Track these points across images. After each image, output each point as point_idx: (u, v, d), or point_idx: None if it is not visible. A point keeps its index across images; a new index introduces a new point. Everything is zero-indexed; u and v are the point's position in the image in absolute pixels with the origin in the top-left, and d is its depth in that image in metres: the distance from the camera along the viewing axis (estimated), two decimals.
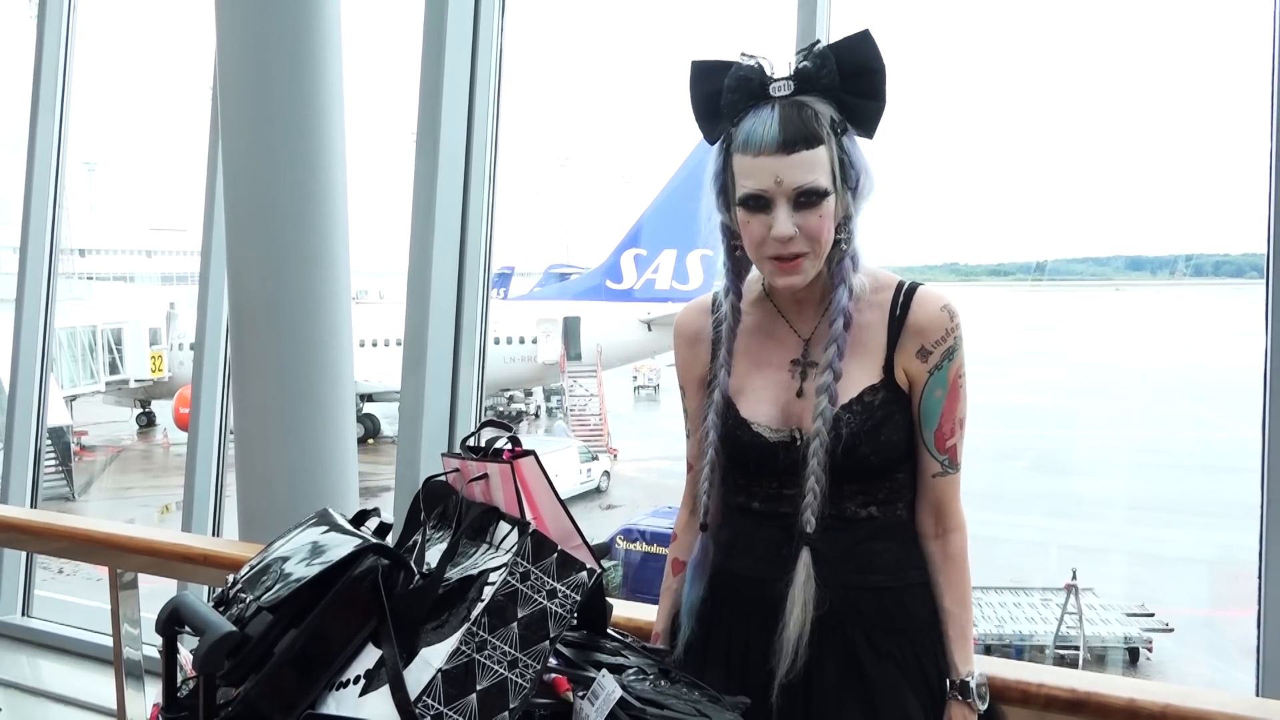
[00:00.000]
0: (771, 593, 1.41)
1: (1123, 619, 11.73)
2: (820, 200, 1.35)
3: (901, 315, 1.43)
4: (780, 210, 1.35)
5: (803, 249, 1.37)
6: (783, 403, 1.46)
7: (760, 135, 1.35)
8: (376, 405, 20.00)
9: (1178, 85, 50.59)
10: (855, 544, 1.43)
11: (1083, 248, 37.92)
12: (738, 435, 1.47)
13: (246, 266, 2.90)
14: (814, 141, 1.35)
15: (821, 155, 1.35)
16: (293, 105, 2.79)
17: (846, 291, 1.41)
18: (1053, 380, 22.03)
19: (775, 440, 1.45)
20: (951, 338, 1.42)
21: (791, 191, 1.35)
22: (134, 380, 21.98)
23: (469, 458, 1.32)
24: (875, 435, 1.41)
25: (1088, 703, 1.50)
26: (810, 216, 1.35)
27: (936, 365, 1.42)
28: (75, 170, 4.96)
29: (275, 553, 1.26)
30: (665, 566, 1.64)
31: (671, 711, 1.20)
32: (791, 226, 1.35)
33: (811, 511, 1.39)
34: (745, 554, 1.49)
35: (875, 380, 1.43)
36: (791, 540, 1.41)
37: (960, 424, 1.46)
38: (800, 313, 1.49)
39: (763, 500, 1.48)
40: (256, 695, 1.11)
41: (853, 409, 1.41)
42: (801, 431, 1.43)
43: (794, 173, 1.34)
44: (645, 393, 25.86)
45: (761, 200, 1.36)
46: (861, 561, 1.42)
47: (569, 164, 41.71)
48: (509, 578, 1.16)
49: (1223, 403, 19.80)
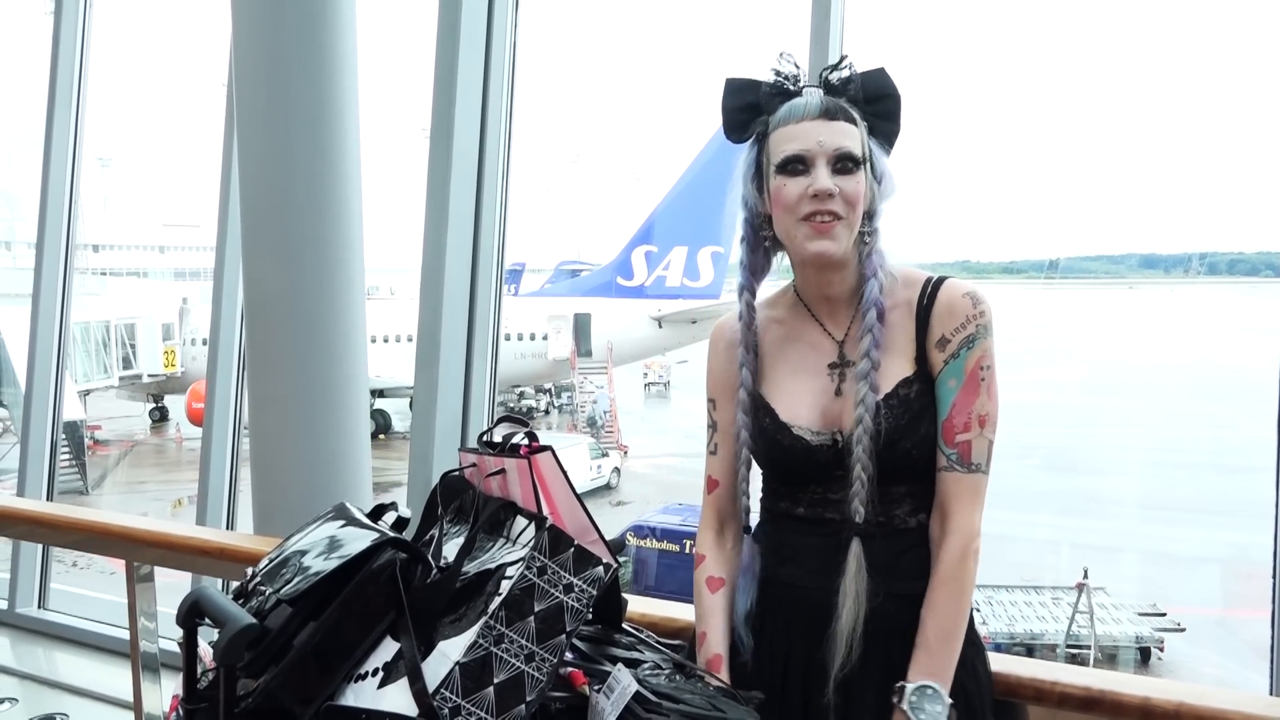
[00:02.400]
0: (818, 600, 1.40)
1: (1134, 618, 11.68)
2: (857, 168, 1.40)
3: (928, 305, 1.44)
4: (820, 169, 1.40)
5: (840, 210, 1.39)
6: (822, 405, 1.46)
7: (803, 106, 1.43)
8: (387, 401, 20.05)
9: (1193, 82, 50.22)
10: (903, 551, 1.42)
11: (1096, 245, 37.73)
12: (778, 440, 1.46)
13: (262, 262, 2.91)
14: (850, 119, 1.42)
15: (857, 132, 1.42)
16: (308, 102, 2.80)
17: (877, 285, 1.43)
18: (1065, 378, 21.95)
19: (817, 443, 1.44)
20: (973, 325, 1.41)
21: (832, 152, 1.40)
22: (147, 375, 22.09)
23: (486, 453, 1.32)
24: (915, 428, 1.41)
25: (1102, 701, 1.49)
26: (849, 181, 1.40)
27: (953, 354, 1.41)
28: (89, 165, 5.02)
29: (293, 546, 1.27)
30: (698, 588, 1.55)
31: (687, 706, 1.21)
32: (832, 183, 1.39)
33: (860, 501, 1.38)
34: (790, 562, 1.47)
35: (908, 373, 1.43)
36: (838, 548, 1.40)
37: (979, 420, 1.41)
38: (832, 313, 1.50)
39: (808, 505, 1.47)
40: (276, 687, 1.12)
41: (890, 403, 1.40)
42: (843, 433, 1.42)
43: (835, 136, 1.40)
44: (656, 389, 25.86)
45: (802, 161, 1.40)
46: (909, 570, 1.41)
47: (580, 160, 41.65)
48: (526, 572, 1.17)
49: (1236, 401, 19.68)
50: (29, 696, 3.62)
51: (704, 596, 1.54)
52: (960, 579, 1.38)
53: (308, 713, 1.13)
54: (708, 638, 1.50)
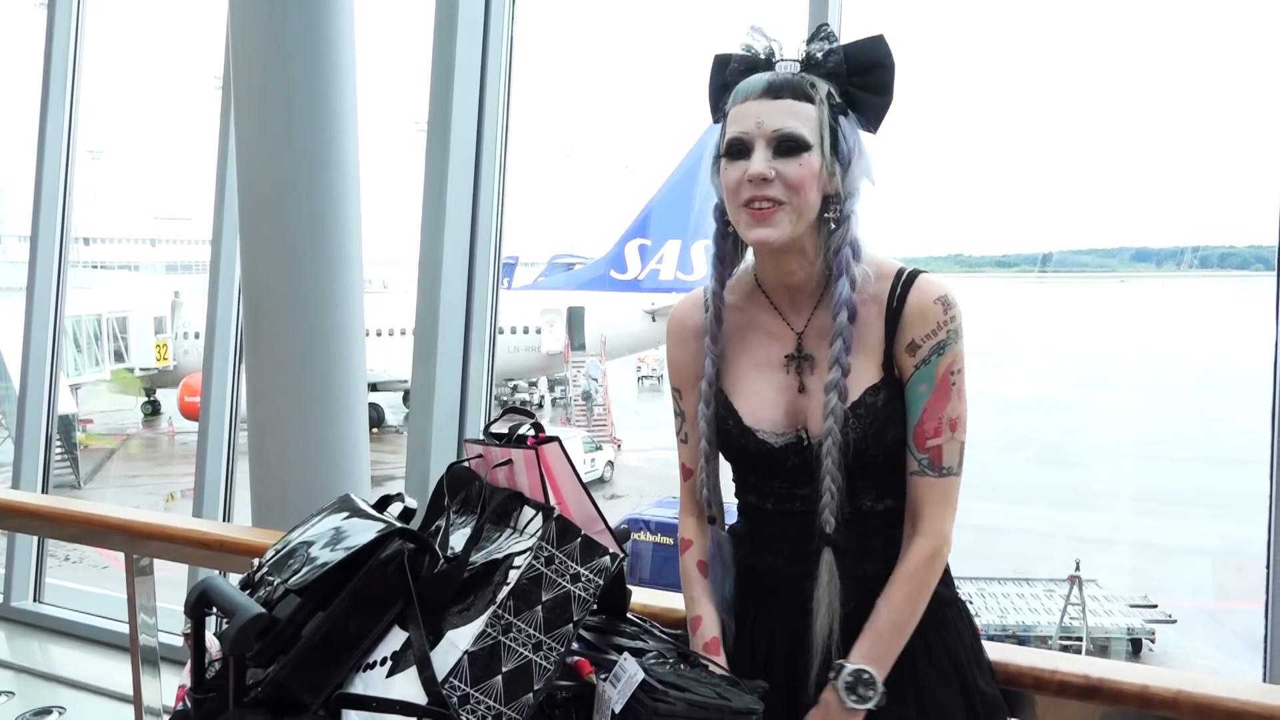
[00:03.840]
0: (795, 588, 1.40)
1: (1126, 610, 11.75)
2: (801, 151, 1.32)
3: (898, 307, 1.37)
4: (758, 152, 1.32)
5: (779, 196, 1.32)
6: (785, 403, 1.41)
7: (748, 86, 1.36)
8: (380, 395, 20.02)
9: (1185, 76, 50.33)
10: (871, 533, 1.41)
11: (1088, 239, 37.86)
12: (743, 444, 1.43)
13: (260, 254, 2.91)
14: (801, 96, 1.34)
15: (809, 110, 1.33)
16: (306, 94, 2.80)
17: (848, 283, 1.34)
18: (1057, 372, 22.01)
19: (781, 445, 1.40)
20: (944, 331, 1.36)
21: (771, 134, 1.32)
22: (139, 368, 22.03)
23: (493, 443, 1.33)
24: (882, 437, 1.37)
25: (1100, 689, 1.50)
26: (790, 164, 1.32)
27: (924, 360, 1.36)
28: (80, 158, 4.98)
29: (299, 537, 1.28)
30: (687, 573, 1.54)
31: (692, 694, 1.22)
32: (768, 167, 1.32)
33: (830, 512, 1.35)
34: (764, 550, 1.47)
35: (875, 379, 1.38)
36: (810, 537, 1.39)
37: (949, 424, 1.37)
38: (793, 303, 1.44)
39: (775, 501, 1.45)
40: (285, 676, 1.13)
41: (857, 412, 1.36)
42: (808, 431, 1.39)
43: (775, 116, 1.33)
44: (649, 383, 25.88)
45: (742, 145, 1.34)
46: (878, 550, 1.41)
47: (573, 154, 41.66)
48: (534, 562, 1.18)
49: (1227, 395, 19.78)
50: (25, 690, 3.62)
51: (694, 581, 1.52)
52: (922, 580, 1.38)
53: (316, 701, 1.14)
54: (702, 621, 1.49)
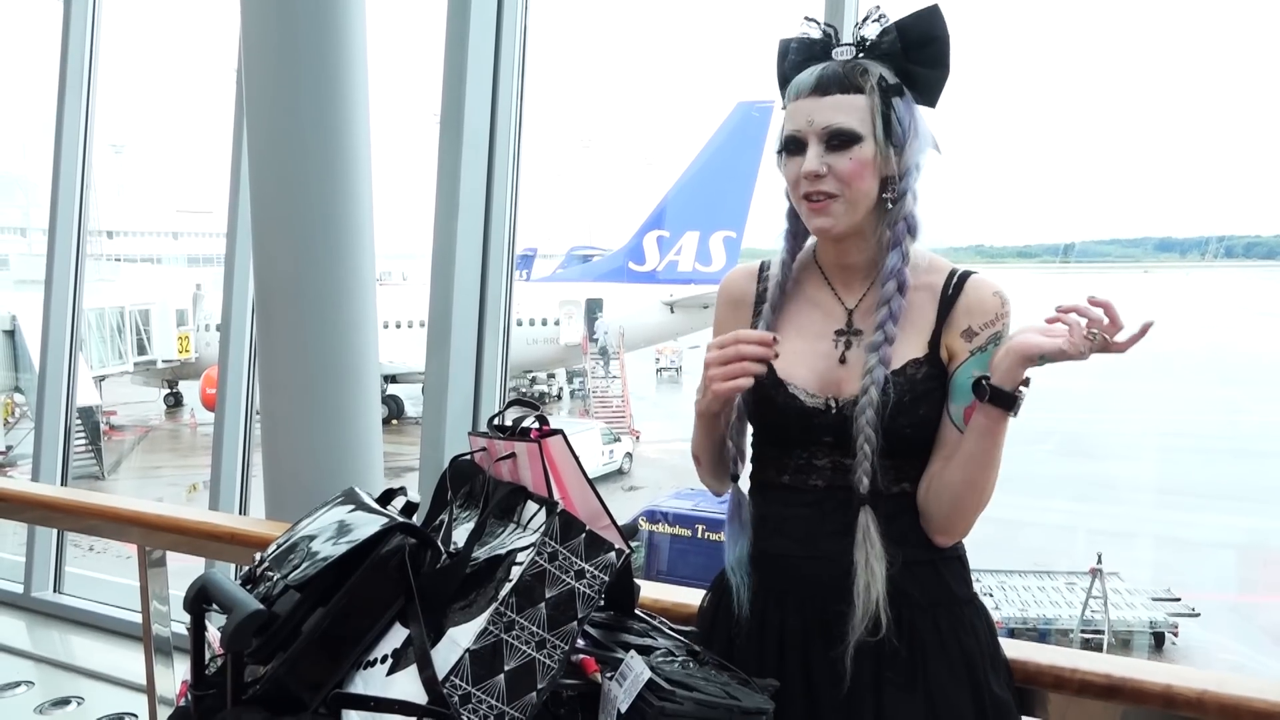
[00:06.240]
0: (807, 571, 1.40)
1: (1148, 603, 11.66)
2: (851, 144, 1.36)
3: (953, 296, 1.41)
4: (811, 149, 1.38)
5: (833, 190, 1.37)
6: (821, 369, 1.43)
7: (800, 84, 1.40)
8: (400, 386, 20.12)
9: (1209, 65, 49.69)
10: (888, 518, 1.39)
11: (1111, 229, 37.49)
12: (771, 396, 1.43)
13: (272, 248, 2.90)
14: (850, 88, 1.37)
15: (858, 102, 1.37)
16: (318, 87, 2.78)
17: (900, 255, 1.39)
18: (1080, 363, 21.77)
19: (811, 405, 1.42)
20: (1000, 323, 1.40)
21: (822, 131, 1.37)
22: (161, 361, 22.24)
23: (496, 437, 1.30)
24: (914, 408, 1.39)
25: (1123, 689, 1.46)
26: (840, 159, 1.37)
27: (981, 347, 1.39)
28: (102, 153, 5.00)
29: (302, 531, 1.26)
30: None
31: (700, 694, 1.19)
32: (820, 164, 1.37)
33: (864, 471, 1.36)
34: (778, 533, 1.45)
35: (920, 354, 1.40)
36: (822, 517, 1.40)
37: None
38: (847, 281, 1.47)
39: (792, 473, 1.45)
40: (284, 673, 1.11)
41: (896, 380, 1.38)
42: (839, 401, 1.41)
43: (825, 113, 1.37)
44: (668, 375, 25.87)
45: (796, 142, 1.40)
46: (896, 536, 1.39)
47: (591, 146, 41.68)
48: (537, 558, 1.15)
49: (1252, 386, 19.56)
50: (45, 679, 3.64)
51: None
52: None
53: (316, 700, 1.11)
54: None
